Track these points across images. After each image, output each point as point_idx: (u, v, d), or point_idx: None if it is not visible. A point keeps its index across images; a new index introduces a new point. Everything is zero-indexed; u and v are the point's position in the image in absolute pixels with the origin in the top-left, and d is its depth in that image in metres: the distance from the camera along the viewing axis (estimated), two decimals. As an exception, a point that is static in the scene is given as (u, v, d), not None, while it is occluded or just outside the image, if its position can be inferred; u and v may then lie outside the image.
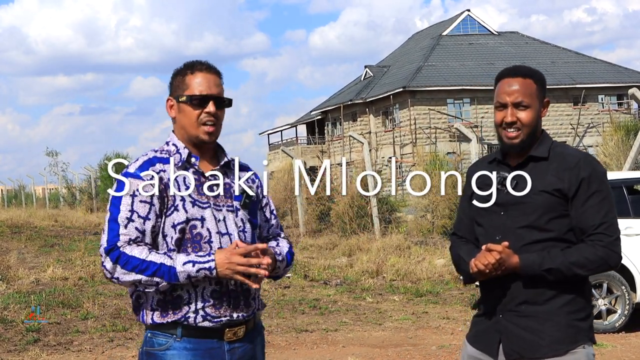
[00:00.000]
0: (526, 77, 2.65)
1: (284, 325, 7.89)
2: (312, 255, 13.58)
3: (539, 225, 2.57)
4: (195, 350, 2.47)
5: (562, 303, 2.57)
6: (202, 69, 2.57)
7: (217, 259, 2.40)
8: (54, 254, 14.18)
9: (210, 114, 2.54)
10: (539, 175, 2.60)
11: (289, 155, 17.82)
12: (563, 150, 2.66)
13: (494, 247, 2.53)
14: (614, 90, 43.33)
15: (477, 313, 2.78)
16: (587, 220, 2.56)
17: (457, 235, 2.84)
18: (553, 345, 2.55)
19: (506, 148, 2.67)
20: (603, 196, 2.57)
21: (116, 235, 2.42)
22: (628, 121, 25.02)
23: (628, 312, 7.52)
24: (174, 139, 2.60)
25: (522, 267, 2.53)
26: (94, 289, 9.99)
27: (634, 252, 7.49)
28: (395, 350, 6.74)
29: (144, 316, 2.51)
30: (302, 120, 55.18)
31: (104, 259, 2.42)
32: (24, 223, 23.09)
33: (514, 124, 2.62)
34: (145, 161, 2.51)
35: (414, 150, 37.28)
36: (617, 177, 8.19)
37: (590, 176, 2.57)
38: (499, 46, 46.12)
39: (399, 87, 41.14)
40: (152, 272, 2.38)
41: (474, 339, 2.74)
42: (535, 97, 2.63)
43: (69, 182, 35.12)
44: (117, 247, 2.40)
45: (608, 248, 2.55)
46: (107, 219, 2.47)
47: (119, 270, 2.39)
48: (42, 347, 6.91)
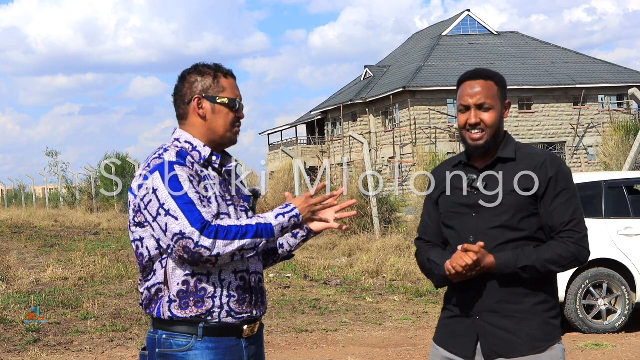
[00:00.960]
0: (487, 80, 2.71)
1: (284, 325, 7.89)
2: (312, 255, 13.57)
3: (511, 225, 2.62)
4: (217, 349, 2.46)
5: (536, 302, 2.62)
6: (232, 74, 2.64)
7: (298, 205, 2.50)
8: (54, 254, 14.17)
9: (241, 119, 2.63)
10: (507, 176, 2.66)
11: (289, 155, 17.82)
12: (529, 150, 2.72)
13: (471, 247, 2.56)
14: (614, 90, 43.35)
15: (447, 315, 2.76)
16: (557, 218, 2.62)
17: (423, 240, 2.85)
18: (531, 343, 2.59)
19: (471, 150, 2.70)
20: (570, 194, 2.64)
21: (199, 214, 2.36)
22: (628, 121, 25.03)
23: (628, 312, 7.51)
24: (185, 136, 2.58)
25: (498, 266, 2.57)
26: (94, 289, 10.00)
27: (634, 252, 7.48)
28: (395, 350, 6.74)
29: (160, 309, 2.45)
30: (302, 120, 55.20)
31: (198, 240, 2.32)
32: (24, 223, 23.10)
33: (477, 125, 2.67)
34: (177, 152, 2.50)
35: (414, 150, 37.32)
36: (617, 177, 8.18)
37: (557, 175, 2.63)
38: (499, 46, 46.13)
39: (399, 87, 41.16)
40: (254, 234, 2.40)
41: (447, 342, 2.73)
42: (497, 98, 2.69)
43: (69, 182, 35.13)
44: (210, 223, 2.35)
45: (578, 244, 2.61)
46: (174, 205, 2.37)
47: (219, 244, 2.34)
48: (42, 347, 6.90)
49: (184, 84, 2.61)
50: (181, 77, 2.63)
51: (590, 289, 7.50)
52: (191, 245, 2.33)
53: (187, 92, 2.59)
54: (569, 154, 42.14)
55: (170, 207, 2.38)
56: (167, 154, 2.48)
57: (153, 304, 2.49)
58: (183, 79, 2.62)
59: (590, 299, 7.52)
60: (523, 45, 46.70)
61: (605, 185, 7.74)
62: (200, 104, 2.58)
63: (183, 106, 2.60)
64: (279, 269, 11.40)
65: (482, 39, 46.79)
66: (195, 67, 2.62)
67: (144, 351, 2.54)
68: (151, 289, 2.49)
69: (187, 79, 2.60)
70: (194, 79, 2.59)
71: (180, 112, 2.62)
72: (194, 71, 2.61)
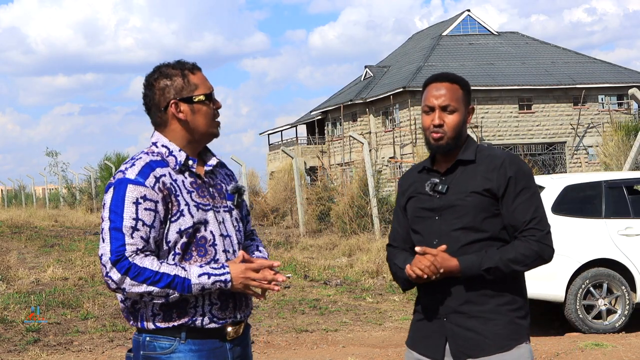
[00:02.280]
0: (453, 83, 2.74)
1: (284, 325, 7.89)
2: (312, 255, 13.58)
3: (473, 226, 2.65)
4: (201, 352, 2.45)
5: (503, 302, 2.64)
6: (197, 67, 2.54)
7: (233, 273, 2.40)
8: (54, 254, 14.18)
9: (219, 108, 2.55)
10: (468, 177, 2.69)
11: (289, 155, 17.82)
12: (489, 152, 2.75)
13: (428, 250, 2.61)
14: (614, 91, 43.30)
15: (417, 318, 2.80)
16: (518, 217, 2.64)
17: (392, 245, 2.89)
18: (498, 342, 2.62)
19: (433, 149, 2.75)
20: (531, 193, 2.66)
21: (122, 245, 2.32)
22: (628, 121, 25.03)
23: (628, 312, 7.51)
24: (162, 140, 2.50)
25: (462, 269, 2.60)
26: (94, 289, 10.00)
27: (634, 252, 7.48)
28: (395, 351, 6.74)
29: (144, 322, 2.44)
30: (302, 120, 55.17)
31: (108, 270, 2.32)
32: (24, 223, 23.11)
33: (441, 126, 2.70)
34: (143, 166, 2.41)
35: (414, 150, 37.30)
36: (617, 177, 8.18)
37: (517, 174, 2.65)
38: (499, 46, 46.10)
39: (399, 87, 41.13)
40: (166, 284, 2.32)
41: (418, 345, 2.77)
42: (461, 102, 2.73)
43: (69, 182, 35.18)
44: (126, 258, 2.31)
45: (541, 242, 2.63)
46: (107, 227, 2.36)
47: (127, 282, 2.31)
48: (42, 347, 6.90)
49: (153, 90, 2.50)
50: (147, 85, 2.51)
51: (590, 289, 7.49)
52: (103, 271, 2.35)
53: (160, 99, 2.49)
54: (569, 154, 42.13)
55: (104, 227, 2.38)
56: (131, 170, 2.41)
57: (132, 317, 2.47)
58: (150, 85, 2.50)
59: (590, 299, 7.52)
60: (523, 45, 46.67)
61: (605, 185, 7.74)
62: (178, 108, 2.48)
63: (159, 114, 2.50)
64: (279, 269, 11.38)
65: (482, 39, 46.75)
66: (158, 71, 2.51)
67: (129, 353, 2.53)
68: (126, 301, 2.47)
69: (155, 85, 2.49)
70: (163, 84, 2.48)
71: (158, 120, 2.52)
72: (160, 75, 2.50)
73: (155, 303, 2.41)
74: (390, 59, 50.86)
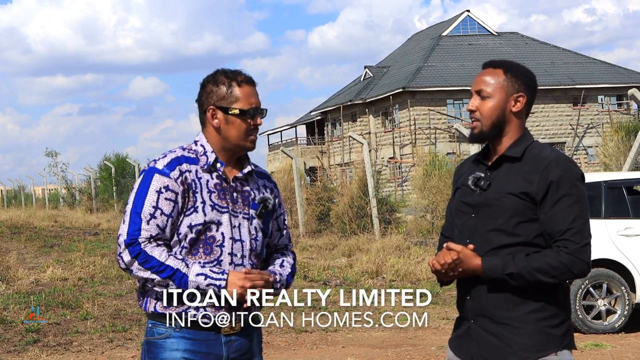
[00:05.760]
0: (496, 67, 2.61)
1: (283, 325, 7.88)
2: (311, 255, 13.57)
3: (506, 229, 2.50)
4: (194, 340, 2.56)
5: (531, 309, 2.49)
6: (247, 81, 2.62)
7: (230, 280, 2.53)
8: (54, 255, 14.18)
9: (257, 126, 2.63)
10: (510, 177, 2.53)
11: (288, 155, 17.81)
12: (539, 151, 2.56)
13: (454, 246, 2.51)
14: (614, 91, 43.33)
15: (457, 316, 2.73)
16: (554, 226, 2.47)
17: (444, 235, 2.78)
18: (520, 352, 2.49)
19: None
20: (573, 200, 2.47)
21: (138, 229, 2.50)
22: (628, 122, 25.03)
23: (628, 313, 7.52)
24: (203, 140, 2.64)
25: (484, 270, 2.48)
26: (93, 289, 9.99)
27: (634, 252, 7.48)
28: (395, 351, 6.74)
29: (147, 304, 2.59)
30: (302, 120, 55.18)
31: (121, 250, 2.50)
32: (24, 223, 23.12)
33: (473, 112, 2.59)
34: (173, 159, 2.57)
35: (414, 150, 37.30)
36: (617, 177, 8.19)
37: (560, 179, 2.47)
38: (499, 47, 46.11)
39: (399, 88, 41.14)
40: (167, 276, 2.49)
41: (452, 343, 2.71)
42: (500, 88, 2.57)
43: (68, 182, 35.17)
44: (139, 243, 2.49)
45: (573, 255, 2.46)
46: (129, 209, 2.54)
47: (135, 265, 2.49)
48: (41, 347, 6.90)
49: (203, 92, 2.64)
50: (202, 85, 2.66)
51: (590, 289, 7.50)
52: (117, 250, 2.54)
53: (204, 102, 2.64)
54: (568, 155, 42.14)
55: (127, 209, 2.56)
56: (162, 161, 2.57)
57: (141, 296, 2.63)
58: (202, 86, 2.65)
59: (590, 300, 7.52)
60: (523, 45, 46.68)
61: (605, 186, 7.74)
62: (214, 115, 2.61)
63: (201, 114, 2.66)
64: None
65: (482, 40, 46.77)
66: (214, 75, 2.64)
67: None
68: (140, 281, 2.62)
69: (205, 88, 2.64)
70: (209, 89, 2.62)
71: (200, 119, 2.68)
72: (212, 79, 2.63)
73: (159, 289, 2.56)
74: (390, 60, 50.88)
